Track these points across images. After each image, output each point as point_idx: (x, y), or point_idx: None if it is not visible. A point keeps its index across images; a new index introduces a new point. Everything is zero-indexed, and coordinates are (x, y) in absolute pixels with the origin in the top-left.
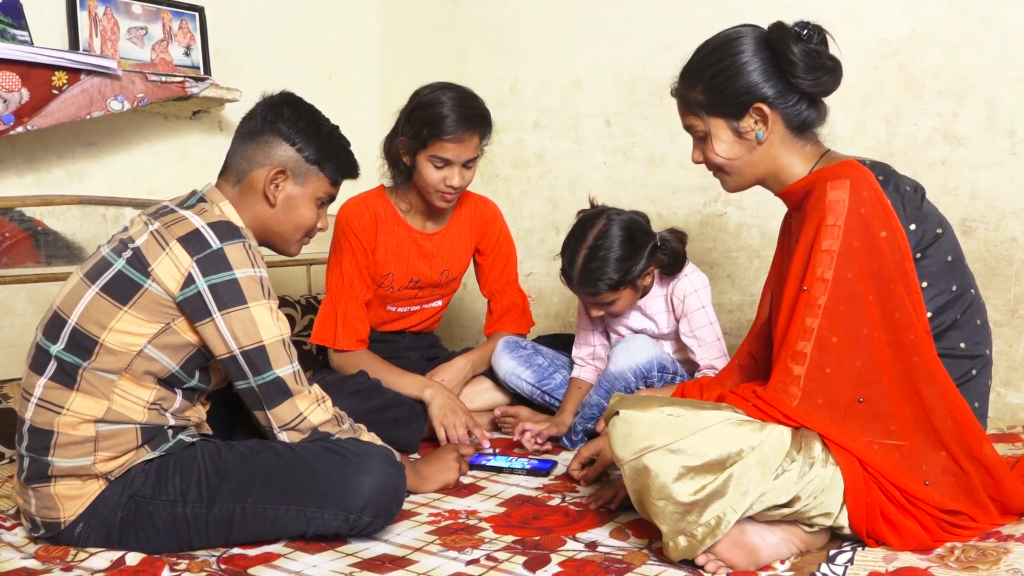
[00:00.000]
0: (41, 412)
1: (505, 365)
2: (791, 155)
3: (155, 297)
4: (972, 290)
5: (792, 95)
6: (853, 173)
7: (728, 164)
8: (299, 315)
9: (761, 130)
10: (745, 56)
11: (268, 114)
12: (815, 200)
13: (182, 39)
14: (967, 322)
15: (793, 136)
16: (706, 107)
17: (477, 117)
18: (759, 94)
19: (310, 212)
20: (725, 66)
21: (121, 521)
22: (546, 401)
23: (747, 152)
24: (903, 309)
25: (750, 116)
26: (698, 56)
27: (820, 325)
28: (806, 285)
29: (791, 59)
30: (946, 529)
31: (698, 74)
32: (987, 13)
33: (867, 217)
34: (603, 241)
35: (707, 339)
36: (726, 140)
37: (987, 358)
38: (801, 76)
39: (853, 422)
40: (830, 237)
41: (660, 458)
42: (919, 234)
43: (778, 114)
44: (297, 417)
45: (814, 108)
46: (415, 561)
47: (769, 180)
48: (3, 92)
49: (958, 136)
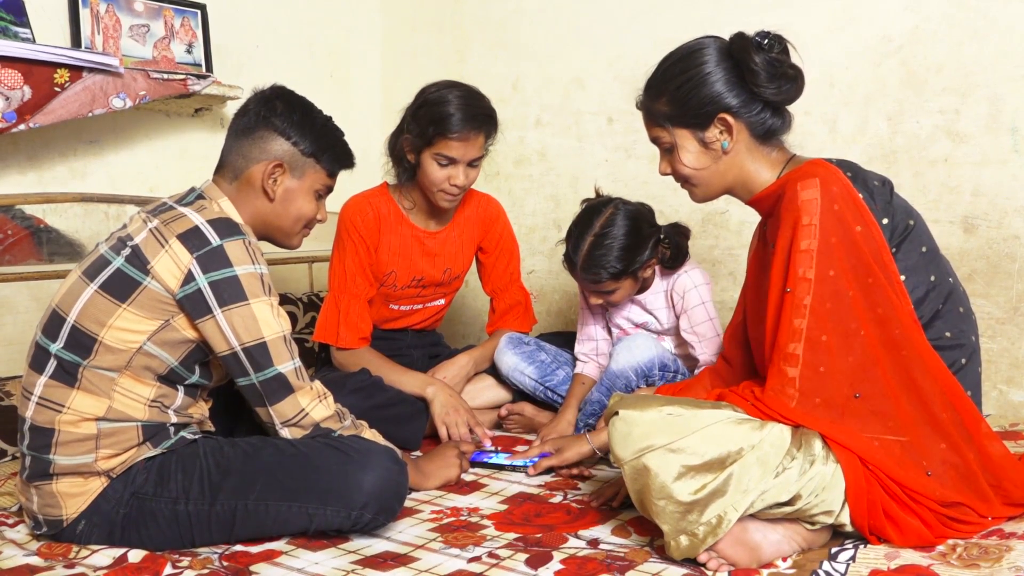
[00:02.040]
0: (42, 410)
1: (508, 361)
2: (757, 163)
3: (154, 294)
4: (950, 279)
5: (756, 104)
6: (821, 172)
7: (695, 175)
8: (301, 312)
9: (726, 140)
10: (708, 67)
11: (261, 109)
12: (787, 202)
13: (184, 36)
14: (949, 311)
15: (759, 144)
16: (671, 118)
17: (483, 116)
18: (723, 104)
19: (309, 204)
20: (688, 77)
21: (123, 518)
22: (549, 397)
23: (713, 162)
24: (887, 302)
25: (715, 126)
26: (661, 68)
27: (808, 325)
28: (789, 287)
29: (753, 68)
30: (948, 524)
31: (662, 86)
32: (989, 10)
33: (841, 213)
34: (609, 229)
35: (707, 335)
36: (692, 151)
37: (974, 345)
38: (763, 85)
39: (852, 418)
40: (807, 236)
41: (660, 457)
42: (891, 228)
43: (743, 123)
44: (299, 413)
45: (778, 116)
46: (417, 558)
47: (737, 189)
48: (5, 89)
49: (960, 133)
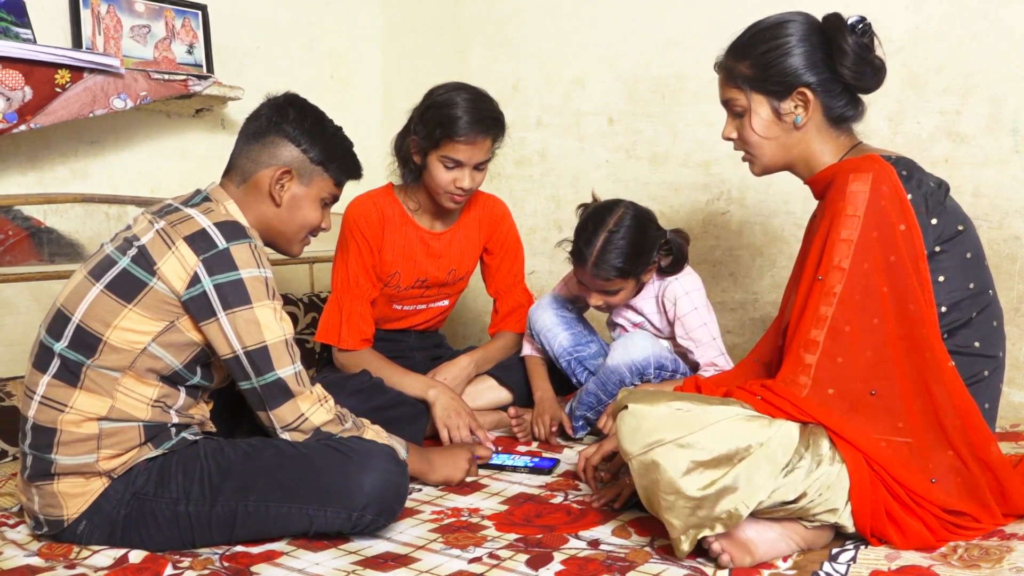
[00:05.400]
0: (44, 410)
1: (545, 320)
2: (824, 144)
3: (160, 295)
4: (990, 291)
5: (835, 86)
6: (876, 167)
7: (761, 143)
8: (302, 313)
9: (800, 115)
10: (797, 39)
11: (273, 115)
12: (835, 191)
13: (185, 37)
14: (982, 322)
15: (829, 127)
16: (751, 81)
17: (490, 119)
18: (805, 79)
19: (314, 212)
20: (777, 45)
21: (124, 519)
22: (572, 369)
23: (783, 134)
24: (915, 304)
25: (792, 99)
26: (750, 32)
27: (834, 314)
28: (821, 274)
29: (843, 48)
30: (950, 530)
31: (748, 49)
32: (990, 10)
33: (886, 210)
34: (622, 228)
35: (703, 340)
36: (764, 118)
37: (1000, 360)
38: (849, 67)
39: (863, 415)
40: (848, 227)
41: (669, 452)
42: (939, 228)
43: (819, 102)
44: (299, 418)
45: (853, 105)
46: (418, 559)
47: (799, 165)
48: (6, 90)
49: (961, 134)
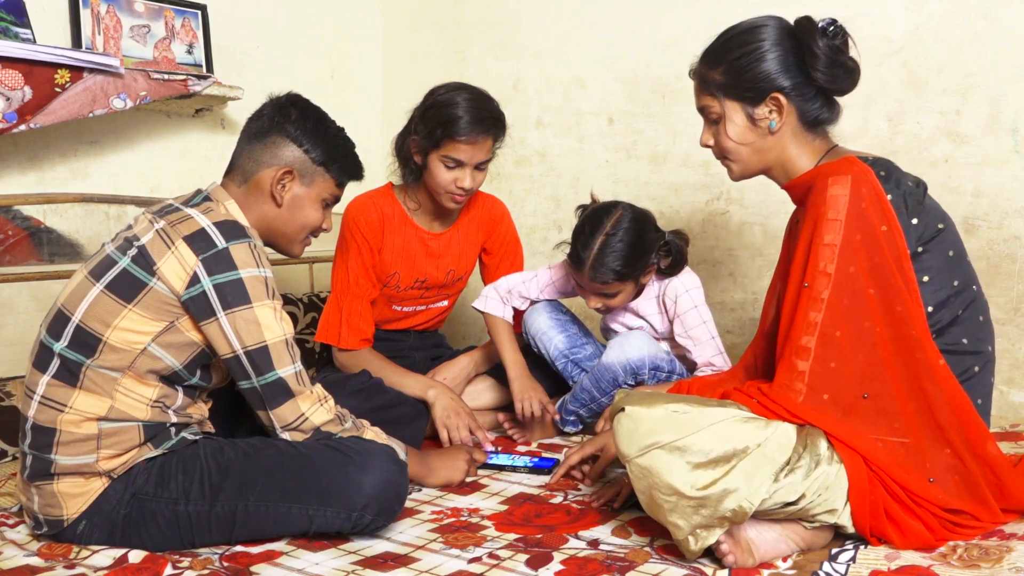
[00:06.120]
0: (44, 410)
1: (540, 323)
2: (800, 148)
3: (160, 296)
4: (974, 287)
5: (809, 89)
6: (854, 170)
7: (737, 149)
8: (302, 313)
9: (775, 120)
10: (769, 44)
11: (275, 115)
12: (815, 196)
13: (184, 37)
14: (969, 318)
15: (804, 130)
16: (724, 88)
17: (491, 119)
18: (778, 83)
19: (316, 213)
20: (749, 50)
21: (124, 519)
22: (568, 371)
23: (758, 139)
24: (902, 305)
25: (766, 104)
26: (723, 39)
27: (823, 320)
28: (807, 281)
29: (815, 52)
30: (949, 529)
31: (721, 55)
32: (990, 10)
33: (867, 212)
34: (620, 230)
35: (701, 338)
36: (739, 124)
37: (989, 355)
38: (821, 70)
39: (858, 418)
40: (831, 231)
41: (666, 454)
42: (920, 228)
43: (793, 106)
44: (299, 418)
45: (828, 107)
46: (417, 559)
47: (776, 170)
48: (6, 90)
49: (961, 134)
